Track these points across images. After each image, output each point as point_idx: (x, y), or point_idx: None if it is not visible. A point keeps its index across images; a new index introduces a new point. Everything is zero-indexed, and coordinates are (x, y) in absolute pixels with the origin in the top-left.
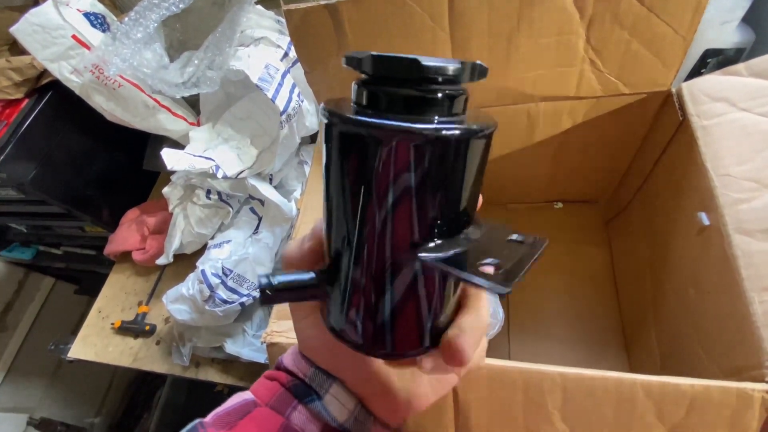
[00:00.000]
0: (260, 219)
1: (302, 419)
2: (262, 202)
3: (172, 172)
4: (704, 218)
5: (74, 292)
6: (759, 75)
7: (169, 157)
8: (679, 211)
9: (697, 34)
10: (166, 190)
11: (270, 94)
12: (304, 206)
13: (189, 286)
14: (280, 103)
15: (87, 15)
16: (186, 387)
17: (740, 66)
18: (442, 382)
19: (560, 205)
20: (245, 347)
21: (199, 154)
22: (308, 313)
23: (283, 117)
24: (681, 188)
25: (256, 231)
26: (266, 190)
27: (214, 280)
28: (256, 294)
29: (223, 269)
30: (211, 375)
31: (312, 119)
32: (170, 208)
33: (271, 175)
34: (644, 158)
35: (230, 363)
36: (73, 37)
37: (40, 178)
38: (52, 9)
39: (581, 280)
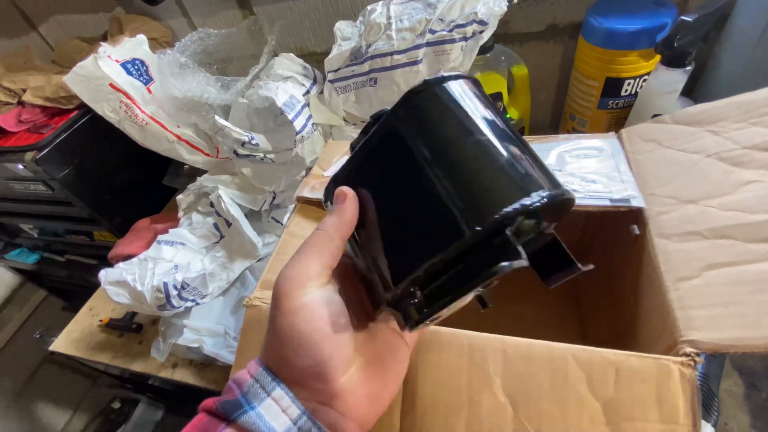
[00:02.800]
0: (221, 238)
1: None
2: (228, 223)
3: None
4: (635, 229)
5: (62, 308)
6: (679, 122)
7: None
8: (621, 230)
9: (645, 100)
10: (179, 197)
11: (290, 117)
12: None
13: (136, 279)
14: (297, 125)
15: (124, 64)
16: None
17: (666, 116)
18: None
19: None
20: (224, 349)
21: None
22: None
23: (298, 137)
24: (620, 211)
25: (213, 246)
26: (242, 221)
27: (173, 292)
28: (202, 301)
29: (182, 283)
30: (186, 377)
31: (320, 147)
32: (179, 214)
33: (275, 193)
34: None
35: (206, 366)
36: (110, 84)
37: (70, 179)
38: (93, 63)
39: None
